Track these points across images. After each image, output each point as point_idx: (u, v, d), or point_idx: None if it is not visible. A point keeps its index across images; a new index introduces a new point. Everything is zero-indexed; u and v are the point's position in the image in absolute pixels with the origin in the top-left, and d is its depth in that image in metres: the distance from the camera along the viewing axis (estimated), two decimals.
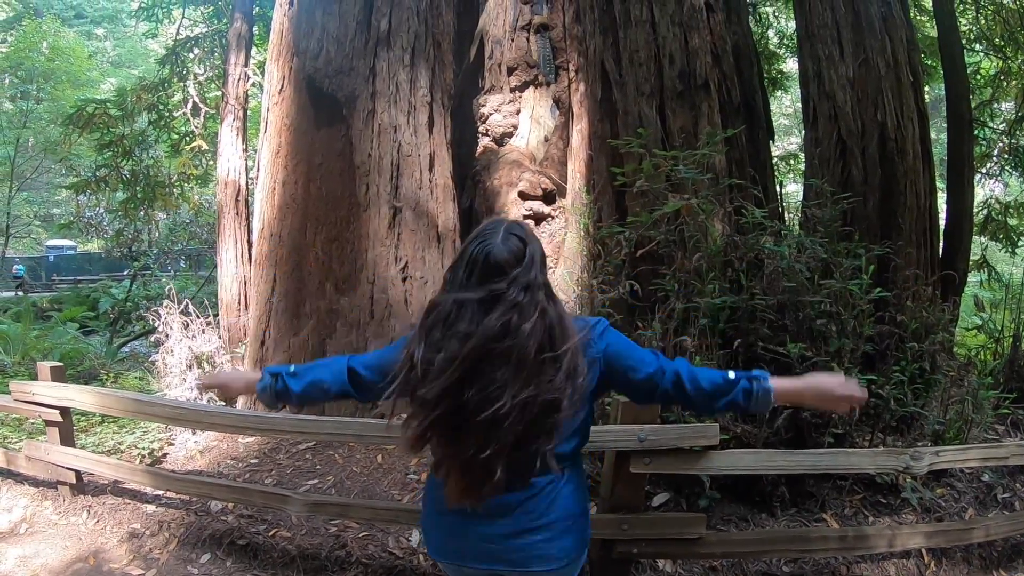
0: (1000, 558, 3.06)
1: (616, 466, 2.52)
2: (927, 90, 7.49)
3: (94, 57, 29.12)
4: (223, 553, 3.12)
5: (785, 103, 22.15)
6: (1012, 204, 7.55)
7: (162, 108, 9.71)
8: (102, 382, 6.20)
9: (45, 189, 26.23)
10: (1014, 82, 7.95)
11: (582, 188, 4.88)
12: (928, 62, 7.86)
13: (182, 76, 9.40)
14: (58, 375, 3.64)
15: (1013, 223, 7.41)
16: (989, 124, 7.90)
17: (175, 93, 9.77)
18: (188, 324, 5.25)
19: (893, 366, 3.41)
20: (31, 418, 4.28)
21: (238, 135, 7.48)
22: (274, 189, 4.94)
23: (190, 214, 12.65)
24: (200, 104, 9.08)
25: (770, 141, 5.24)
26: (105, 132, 9.42)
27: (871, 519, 3.10)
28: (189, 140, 9.50)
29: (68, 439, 3.69)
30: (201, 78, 9.55)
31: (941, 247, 5.17)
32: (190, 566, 3.07)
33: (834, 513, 3.11)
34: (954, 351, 5.00)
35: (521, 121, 5.64)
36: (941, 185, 6.34)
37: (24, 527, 3.49)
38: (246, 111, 7.95)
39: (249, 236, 6.97)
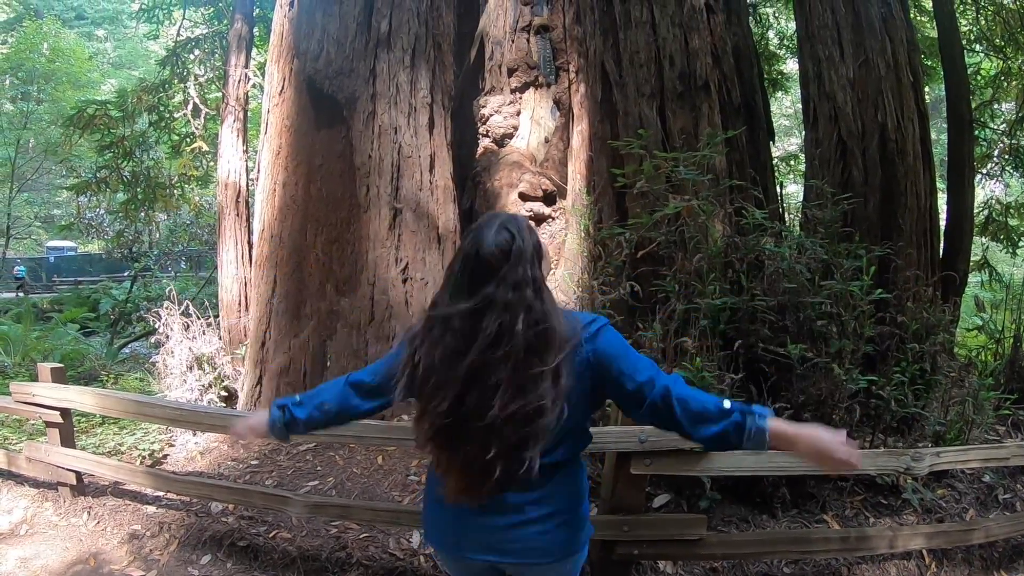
0: (1001, 559, 3.06)
1: (617, 467, 2.52)
2: (927, 91, 7.48)
3: (95, 58, 29.16)
4: (224, 554, 3.12)
5: (785, 104, 22.15)
6: (1013, 205, 7.55)
7: (163, 109, 9.73)
8: (102, 383, 6.21)
9: (46, 190, 26.28)
10: (1014, 82, 7.94)
11: (582, 189, 4.88)
12: (928, 63, 7.86)
13: (183, 77, 9.41)
14: (58, 376, 3.64)
15: (1014, 224, 7.40)
16: (989, 125, 7.90)
17: (176, 94, 9.78)
18: (188, 325, 5.26)
19: (894, 367, 3.40)
20: (32, 419, 4.29)
21: (238, 136, 7.49)
22: (274, 190, 4.94)
23: (190, 215, 12.69)
24: (201, 105, 9.09)
25: (770, 142, 5.23)
26: (106, 133, 9.43)
27: (872, 520, 3.10)
28: (190, 141, 9.51)
29: (68, 440, 3.69)
30: (202, 79, 9.57)
31: (942, 248, 5.17)
32: (190, 567, 3.07)
33: (835, 514, 3.11)
34: (955, 352, 5.01)
35: (521, 122, 5.64)
36: (941, 186, 6.33)
37: (24, 528, 3.49)
38: (246, 112, 7.96)
39: (249, 237, 6.97)
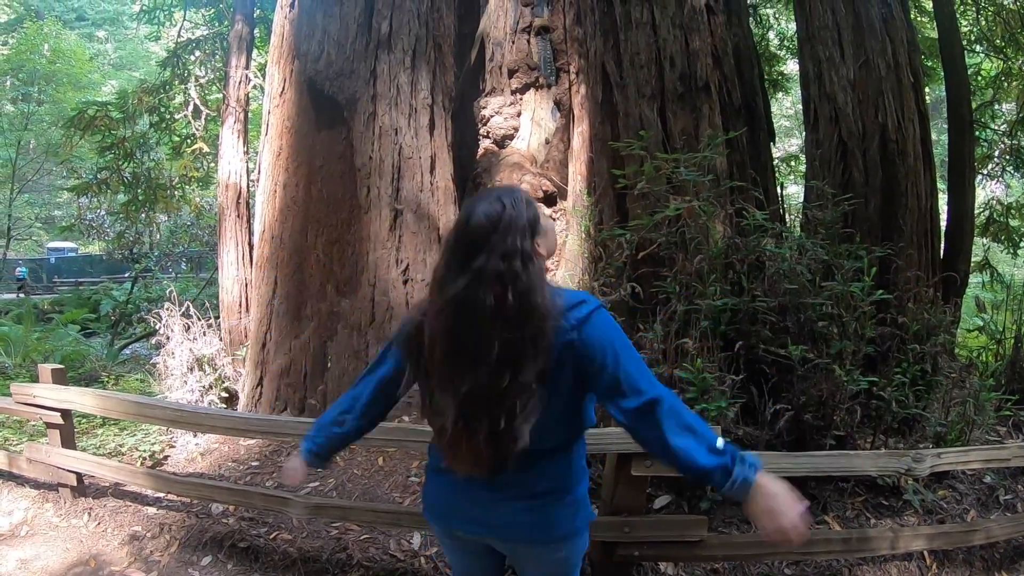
0: (1002, 560, 3.05)
1: (618, 469, 2.51)
2: (928, 91, 7.49)
3: (95, 59, 29.25)
4: (224, 556, 3.12)
5: (786, 105, 22.14)
6: (1014, 205, 7.55)
7: (163, 110, 9.75)
8: (103, 384, 6.21)
9: (46, 191, 26.31)
10: (1015, 83, 7.94)
11: (583, 190, 4.87)
12: (929, 63, 7.87)
13: (183, 78, 9.43)
14: (59, 377, 3.64)
15: (1015, 224, 7.41)
16: (990, 125, 7.90)
17: (176, 95, 9.79)
18: (189, 326, 5.26)
19: (895, 368, 3.40)
20: (32, 420, 4.29)
21: (239, 137, 7.50)
22: (275, 191, 4.94)
23: (191, 216, 12.72)
24: (201, 106, 9.11)
25: (771, 143, 5.23)
26: (106, 134, 9.44)
27: (873, 521, 3.09)
28: (190, 142, 9.52)
29: (69, 441, 3.69)
30: (202, 80, 9.59)
31: (942, 248, 5.17)
32: (191, 569, 3.07)
33: (836, 515, 3.10)
34: (956, 353, 5.00)
35: (522, 123, 5.64)
36: (942, 187, 6.33)
37: (25, 529, 3.49)
38: (247, 113, 7.97)
39: (250, 238, 6.98)
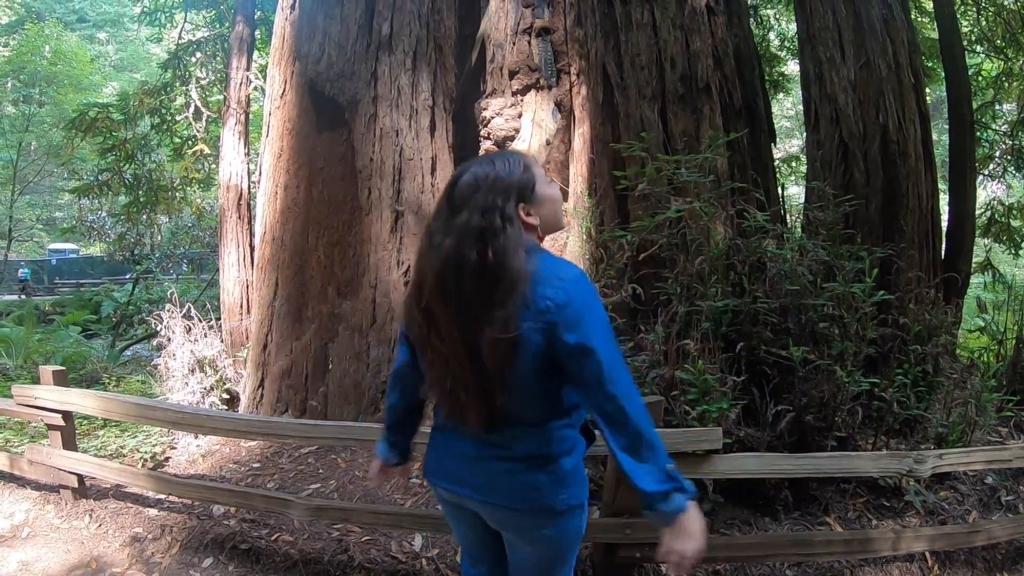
0: (1004, 561, 3.04)
1: (619, 470, 2.51)
2: (929, 92, 7.47)
3: (96, 61, 29.30)
4: (225, 557, 3.12)
5: (786, 105, 22.16)
6: (1015, 206, 7.54)
7: (164, 112, 9.76)
8: (104, 386, 6.21)
9: (47, 193, 26.37)
10: (1015, 83, 7.93)
11: (584, 191, 4.87)
12: (929, 64, 7.86)
13: (184, 80, 9.44)
14: (60, 379, 3.64)
15: (1016, 225, 7.39)
16: (991, 126, 7.90)
17: (177, 97, 9.81)
18: (190, 328, 5.26)
19: (896, 369, 3.40)
20: (33, 422, 4.29)
21: (240, 139, 7.50)
22: (276, 193, 4.94)
23: (192, 218, 12.74)
24: (202, 108, 9.11)
25: (772, 143, 5.23)
26: (107, 136, 9.45)
27: (874, 522, 3.09)
28: (191, 144, 9.53)
29: (70, 443, 3.69)
30: (203, 82, 9.60)
31: (943, 249, 5.16)
32: (192, 570, 3.07)
33: (837, 516, 3.10)
34: (957, 354, 5.00)
35: (523, 124, 5.63)
36: (943, 187, 6.33)
37: (26, 531, 3.49)
38: (248, 115, 7.97)
39: (251, 240, 6.98)
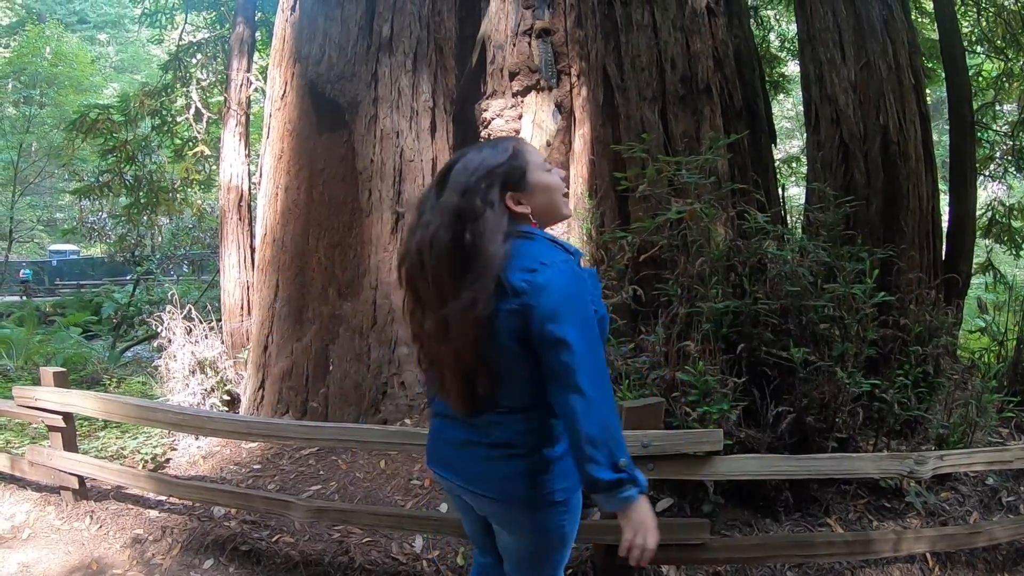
0: (1005, 562, 3.04)
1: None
2: (929, 92, 7.47)
3: (97, 62, 29.33)
4: (226, 559, 3.12)
5: (787, 106, 22.15)
6: (1016, 206, 7.53)
7: (165, 113, 9.78)
8: (105, 387, 6.22)
9: (48, 194, 26.40)
10: (1016, 84, 7.93)
11: (584, 193, 4.87)
12: (930, 64, 7.86)
13: (185, 81, 9.46)
14: (61, 380, 3.64)
15: (1017, 225, 7.38)
16: (992, 126, 7.89)
17: (178, 98, 9.83)
18: (191, 329, 5.26)
19: (897, 370, 3.40)
20: (34, 423, 4.29)
21: (241, 140, 7.51)
22: (276, 194, 4.94)
23: (193, 219, 12.76)
24: (203, 109, 9.13)
25: (772, 144, 5.23)
26: (108, 137, 9.46)
27: (875, 523, 3.08)
28: (192, 145, 9.54)
29: (71, 444, 3.69)
30: (204, 83, 9.62)
31: (944, 250, 5.16)
32: (193, 572, 3.07)
33: (838, 517, 3.10)
34: (958, 354, 4.99)
35: (523, 126, 5.63)
36: (944, 188, 6.32)
37: (27, 532, 3.49)
38: (248, 116, 7.98)
39: (252, 241, 6.99)
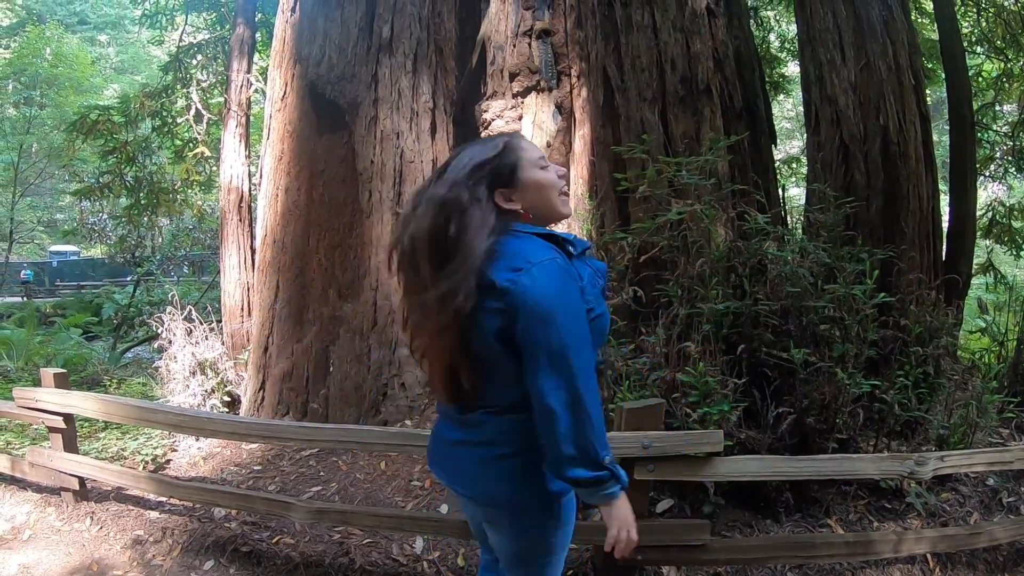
0: (1005, 562, 3.04)
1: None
2: (929, 93, 7.47)
3: (97, 63, 29.37)
4: (226, 560, 3.12)
5: (787, 107, 22.14)
6: (1016, 207, 7.52)
7: (165, 114, 9.78)
8: (105, 388, 6.21)
9: (48, 195, 26.41)
10: (1016, 84, 7.92)
11: (584, 194, 4.87)
12: (930, 65, 7.86)
13: (185, 82, 9.46)
14: (61, 382, 3.64)
15: (1017, 226, 7.37)
16: (992, 127, 7.89)
17: (178, 99, 9.83)
18: (191, 330, 5.27)
19: (897, 371, 3.39)
20: (35, 424, 4.29)
21: (241, 141, 7.50)
22: (277, 195, 4.95)
23: (193, 220, 12.76)
24: (203, 111, 9.13)
25: (772, 145, 5.23)
26: (108, 138, 9.47)
27: (876, 524, 3.08)
28: (192, 146, 9.54)
29: (71, 445, 3.69)
30: (204, 84, 9.62)
31: (944, 251, 5.16)
32: (193, 573, 3.07)
33: (839, 518, 3.09)
34: (958, 355, 4.99)
35: (523, 127, 5.63)
36: (944, 188, 6.32)
37: (27, 533, 3.49)
38: (249, 117, 7.97)
39: (252, 242, 6.99)
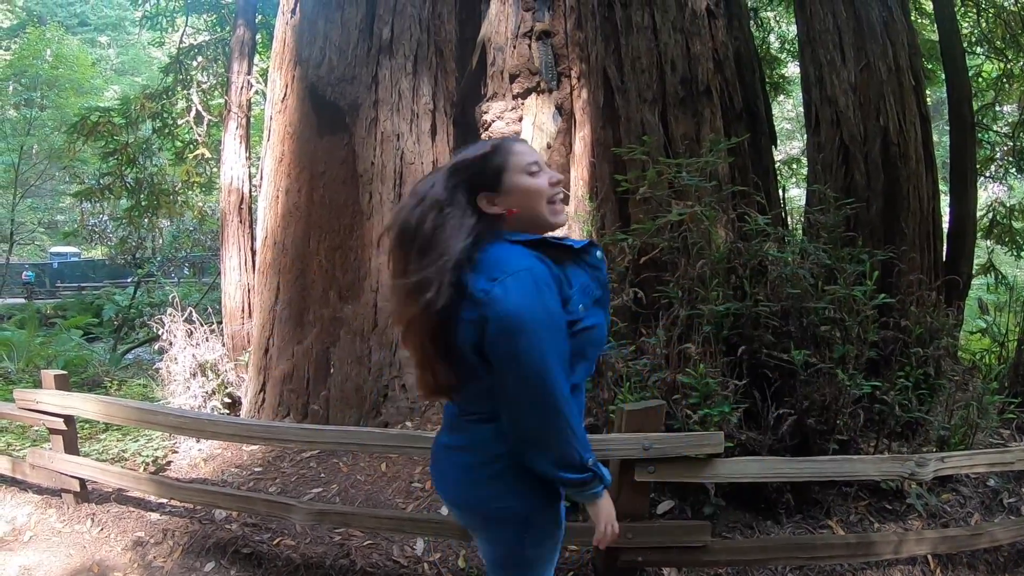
0: (1006, 563, 3.04)
1: (621, 474, 2.51)
2: (929, 93, 7.46)
3: (98, 65, 29.39)
4: (227, 562, 3.12)
5: (787, 107, 22.14)
6: (1017, 207, 7.51)
7: (166, 116, 9.79)
8: (106, 389, 6.21)
9: (49, 196, 26.42)
10: (1016, 85, 7.91)
11: (585, 195, 4.87)
12: (929, 66, 7.86)
13: (185, 84, 9.47)
14: (62, 383, 3.65)
15: (1018, 226, 7.36)
16: (992, 127, 7.88)
17: (179, 101, 9.84)
18: (192, 332, 5.28)
19: (898, 372, 3.39)
20: (35, 426, 4.29)
21: (241, 143, 7.51)
22: (277, 197, 4.95)
23: (194, 222, 12.78)
24: (203, 112, 9.14)
25: (772, 146, 5.22)
26: (109, 140, 9.48)
27: (876, 525, 3.08)
28: (193, 148, 9.56)
29: (72, 447, 3.70)
30: (204, 86, 9.64)
31: (945, 251, 5.15)
32: (194, 575, 3.07)
33: (839, 519, 3.09)
34: (959, 356, 4.98)
35: (523, 128, 5.63)
36: (944, 189, 6.31)
37: (28, 535, 3.49)
38: (249, 119, 7.98)
39: (253, 244, 6.99)
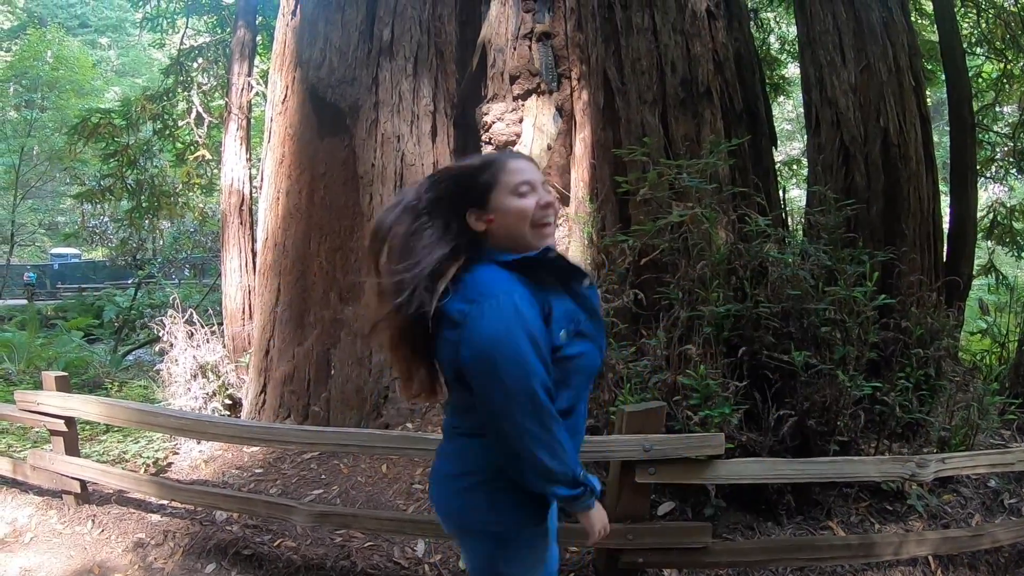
0: (1007, 564, 3.04)
1: (621, 476, 2.51)
2: (929, 94, 7.46)
3: (98, 66, 29.42)
4: (228, 563, 3.12)
5: (787, 108, 22.12)
6: (1017, 208, 7.50)
7: (166, 118, 9.81)
8: (107, 391, 6.22)
9: (50, 197, 26.45)
10: (1016, 85, 7.91)
11: (585, 196, 4.88)
12: (930, 66, 7.85)
13: (186, 86, 9.49)
14: (63, 385, 3.65)
15: (1019, 227, 7.35)
16: (992, 128, 7.88)
17: (179, 103, 9.86)
18: (192, 333, 5.28)
19: (898, 372, 3.39)
20: (36, 427, 4.30)
21: (242, 144, 7.52)
22: (278, 199, 4.95)
23: (194, 223, 12.80)
24: (204, 114, 9.16)
25: (773, 147, 5.22)
26: (110, 141, 9.50)
27: (877, 526, 3.08)
28: (193, 150, 9.58)
29: (73, 448, 3.70)
30: (205, 87, 9.66)
31: (945, 252, 5.15)
32: None
33: (840, 521, 3.09)
34: (959, 356, 4.98)
35: (524, 129, 5.63)
36: (944, 190, 6.31)
37: (28, 536, 3.49)
38: (250, 120, 8.00)
39: (253, 245, 7.00)
